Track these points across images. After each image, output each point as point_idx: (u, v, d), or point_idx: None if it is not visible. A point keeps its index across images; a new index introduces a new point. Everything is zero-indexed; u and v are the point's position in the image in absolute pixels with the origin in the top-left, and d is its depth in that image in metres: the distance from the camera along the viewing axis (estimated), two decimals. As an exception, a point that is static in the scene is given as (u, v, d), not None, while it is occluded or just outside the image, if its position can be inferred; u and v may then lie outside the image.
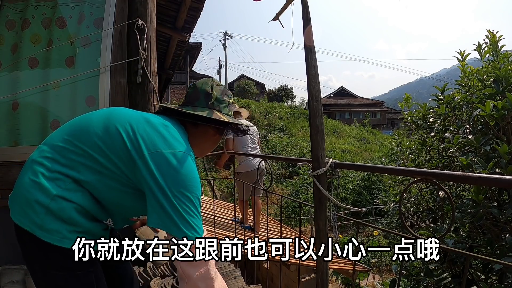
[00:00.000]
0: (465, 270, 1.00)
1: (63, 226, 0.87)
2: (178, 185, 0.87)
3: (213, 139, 1.14)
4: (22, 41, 1.96)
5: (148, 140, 0.90)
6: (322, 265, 1.32)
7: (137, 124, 0.93)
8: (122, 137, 0.90)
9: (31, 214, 0.86)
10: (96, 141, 0.91)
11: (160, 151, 0.89)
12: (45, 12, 1.97)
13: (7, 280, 1.74)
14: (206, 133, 1.10)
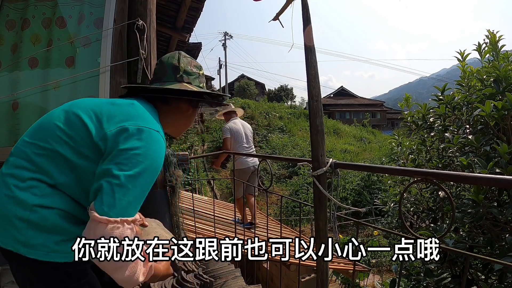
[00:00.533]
0: (465, 270, 1.00)
1: (49, 237, 0.82)
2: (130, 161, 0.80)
3: (186, 115, 1.08)
4: (22, 41, 1.96)
5: (111, 119, 0.86)
6: (322, 265, 1.32)
7: (100, 108, 0.89)
8: (84, 123, 0.85)
9: (13, 232, 0.80)
10: (58, 134, 0.85)
11: (123, 126, 0.84)
12: (45, 12, 1.97)
13: (7, 280, 1.74)
14: (178, 109, 1.05)
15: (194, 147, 15.39)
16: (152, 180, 0.85)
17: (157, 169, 0.86)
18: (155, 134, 0.87)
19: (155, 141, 0.86)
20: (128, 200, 0.78)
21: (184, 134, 16.24)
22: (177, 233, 1.96)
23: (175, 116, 1.05)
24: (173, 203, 1.93)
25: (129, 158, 0.80)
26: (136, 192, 0.80)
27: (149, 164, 0.83)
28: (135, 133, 0.83)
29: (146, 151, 0.83)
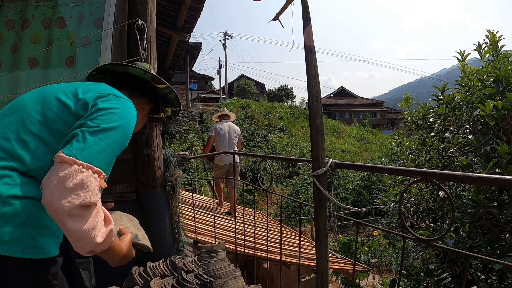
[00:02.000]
0: (465, 270, 1.00)
1: (24, 232, 0.76)
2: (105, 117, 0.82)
3: (143, 115, 1.12)
4: (22, 41, 1.96)
5: (87, 92, 0.89)
6: (322, 265, 1.32)
7: (73, 86, 0.91)
8: (61, 100, 0.86)
9: None
10: (33, 115, 0.84)
11: (100, 93, 0.89)
12: (45, 12, 1.97)
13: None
14: (139, 104, 1.08)
15: (194, 147, 15.39)
16: (123, 142, 0.87)
17: (128, 132, 0.88)
18: (129, 103, 0.92)
19: (130, 108, 0.91)
20: (97, 149, 0.77)
21: (184, 134, 16.26)
22: (177, 233, 1.96)
23: None
24: (173, 203, 1.93)
25: (105, 115, 0.83)
26: (107, 145, 0.80)
27: (122, 124, 0.85)
28: (112, 98, 0.88)
29: (121, 112, 0.86)
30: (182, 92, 20.70)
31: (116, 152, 0.84)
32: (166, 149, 1.94)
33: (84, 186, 0.71)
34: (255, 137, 17.94)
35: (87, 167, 0.73)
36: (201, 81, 36.71)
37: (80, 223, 0.70)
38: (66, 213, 0.69)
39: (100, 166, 0.77)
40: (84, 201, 0.70)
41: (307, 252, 3.71)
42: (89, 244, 0.73)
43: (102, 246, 0.76)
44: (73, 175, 0.70)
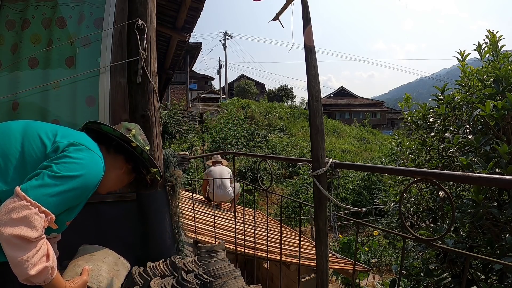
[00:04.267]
0: (465, 270, 1.00)
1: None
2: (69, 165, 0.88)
3: (119, 174, 1.14)
4: (22, 41, 1.95)
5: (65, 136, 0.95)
6: (322, 265, 1.31)
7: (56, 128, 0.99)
8: (42, 139, 0.93)
9: None
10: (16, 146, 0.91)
11: (74, 141, 0.94)
12: (45, 12, 1.97)
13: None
14: (115, 161, 1.12)
15: (194, 147, 15.40)
16: (80, 193, 0.91)
17: (89, 185, 0.93)
18: (98, 159, 0.97)
19: (97, 163, 0.96)
20: (51, 192, 0.83)
21: (184, 134, 16.26)
22: (177, 233, 1.96)
23: (110, 168, 1.10)
24: (173, 203, 1.92)
25: (69, 163, 0.88)
26: (61, 191, 0.85)
27: (84, 176, 0.90)
28: (83, 149, 0.93)
29: (86, 165, 0.91)
30: (182, 92, 20.71)
31: (71, 200, 0.90)
32: (166, 149, 1.94)
33: (26, 221, 0.77)
34: (255, 137, 17.94)
35: (35, 205, 0.80)
36: (201, 81, 36.71)
37: (17, 252, 0.77)
38: (4, 238, 0.76)
39: (49, 208, 0.83)
40: (23, 234, 0.76)
41: (307, 252, 3.71)
42: (22, 273, 0.78)
43: (36, 279, 0.81)
44: (20, 209, 0.78)
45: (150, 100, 1.93)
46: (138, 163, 1.17)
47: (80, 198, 0.93)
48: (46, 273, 0.83)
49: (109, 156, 1.09)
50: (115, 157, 1.11)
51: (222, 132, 16.68)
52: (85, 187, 0.91)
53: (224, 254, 2.08)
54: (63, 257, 1.84)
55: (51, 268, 0.84)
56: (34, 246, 0.79)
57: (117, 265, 1.17)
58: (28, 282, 0.81)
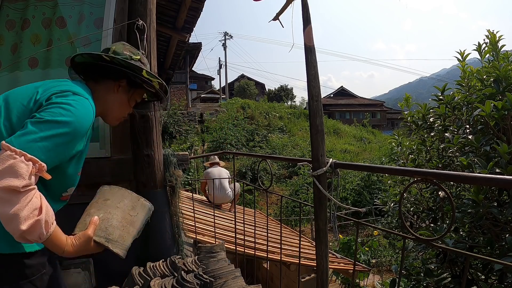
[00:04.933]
0: (465, 270, 1.00)
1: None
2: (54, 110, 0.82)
3: (117, 97, 1.07)
4: (22, 41, 1.96)
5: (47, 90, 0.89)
6: (322, 265, 1.31)
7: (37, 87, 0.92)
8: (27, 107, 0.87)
9: None
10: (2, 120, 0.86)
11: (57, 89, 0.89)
12: (45, 12, 1.97)
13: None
14: (107, 86, 1.05)
15: (194, 147, 15.40)
16: (71, 138, 0.85)
17: (77, 129, 0.85)
18: (85, 100, 0.90)
19: (83, 104, 0.88)
20: (35, 138, 0.77)
21: (184, 134, 16.26)
22: (177, 233, 1.96)
23: (105, 96, 1.04)
24: (173, 203, 1.92)
25: (53, 108, 0.83)
26: (48, 136, 0.79)
27: (70, 120, 0.84)
28: (67, 94, 0.87)
29: (71, 108, 0.85)
30: (182, 92, 20.71)
31: (63, 147, 0.83)
32: (166, 149, 1.94)
33: (12, 171, 0.71)
34: (255, 137, 17.94)
35: (20, 154, 0.74)
36: (201, 81, 36.72)
37: (6, 206, 0.71)
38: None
39: (37, 155, 0.76)
40: (9, 185, 0.70)
41: (307, 252, 3.71)
42: (14, 229, 0.73)
43: (30, 236, 0.75)
44: (4, 160, 0.72)
45: (150, 100, 1.93)
46: (129, 76, 1.06)
47: (73, 144, 0.87)
48: (40, 228, 0.76)
49: (101, 85, 1.04)
50: (104, 82, 1.04)
51: (222, 132, 16.69)
52: (75, 130, 0.85)
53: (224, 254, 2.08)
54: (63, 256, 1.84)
55: (45, 222, 0.77)
56: (23, 197, 0.72)
57: (134, 209, 1.02)
58: (25, 240, 0.76)
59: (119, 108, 1.10)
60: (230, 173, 5.29)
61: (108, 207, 0.97)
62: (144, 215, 1.06)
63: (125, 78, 1.06)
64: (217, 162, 5.12)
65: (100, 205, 0.98)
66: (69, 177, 0.97)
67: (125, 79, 1.06)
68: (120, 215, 0.99)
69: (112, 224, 0.96)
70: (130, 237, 1.00)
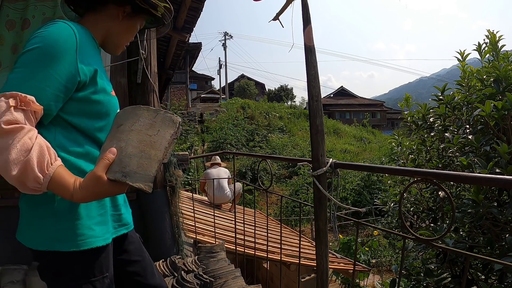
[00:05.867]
0: (465, 270, 1.00)
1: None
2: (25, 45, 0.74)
3: (120, 23, 0.96)
4: (22, 41, 1.95)
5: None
6: (322, 265, 1.32)
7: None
8: None
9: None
10: None
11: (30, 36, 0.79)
12: (45, 12, 1.97)
13: (7, 280, 1.74)
14: (110, 15, 0.93)
15: (194, 147, 15.40)
16: (48, 57, 0.74)
17: (49, 43, 0.74)
18: (60, 23, 0.79)
19: (57, 26, 0.78)
20: (13, 76, 0.71)
21: (184, 134, 16.28)
22: (177, 233, 1.96)
23: (108, 23, 0.94)
24: (173, 203, 1.93)
25: (27, 43, 0.75)
26: (23, 68, 0.72)
27: (42, 43, 0.74)
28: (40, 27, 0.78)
29: (42, 33, 0.76)
30: (182, 92, 20.71)
31: (45, 72, 0.73)
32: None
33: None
34: (255, 137, 17.95)
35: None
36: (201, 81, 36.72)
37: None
38: None
39: (19, 90, 0.68)
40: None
41: (307, 252, 3.71)
42: (8, 178, 0.66)
43: (26, 182, 0.67)
44: None
45: (150, 100, 1.94)
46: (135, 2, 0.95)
47: (52, 63, 0.74)
48: (31, 171, 0.66)
49: (101, 13, 0.93)
50: (106, 10, 0.93)
51: (222, 132, 16.70)
52: (47, 46, 0.74)
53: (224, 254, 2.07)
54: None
55: (37, 163, 0.67)
56: (9, 138, 0.64)
57: (153, 127, 0.79)
58: (26, 188, 0.68)
59: (123, 36, 0.99)
60: (230, 173, 5.29)
61: (121, 133, 0.77)
62: (168, 130, 0.80)
63: (130, 4, 0.95)
64: (218, 163, 5.15)
65: (113, 135, 0.79)
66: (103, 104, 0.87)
67: (130, 4, 0.95)
68: (135, 138, 0.77)
69: (127, 152, 0.75)
70: (153, 163, 0.77)
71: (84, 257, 0.80)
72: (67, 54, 0.76)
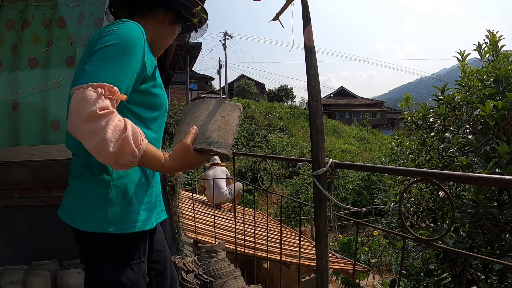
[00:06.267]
0: (465, 270, 1.00)
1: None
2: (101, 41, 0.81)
3: (165, 28, 1.05)
4: (22, 41, 1.95)
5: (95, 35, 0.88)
6: (322, 265, 1.31)
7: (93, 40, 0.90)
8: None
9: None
10: None
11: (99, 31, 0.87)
12: (45, 12, 1.97)
13: (7, 280, 1.74)
14: (156, 19, 1.02)
15: (194, 147, 15.39)
16: (125, 53, 0.82)
17: (125, 40, 0.82)
18: (130, 23, 0.87)
19: (129, 25, 0.86)
20: (94, 69, 0.77)
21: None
22: (177, 233, 1.96)
23: (154, 28, 1.02)
24: (173, 203, 1.93)
25: (100, 40, 0.82)
26: (104, 60, 0.78)
27: (119, 40, 0.81)
28: (110, 25, 0.86)
29: (116, 31, 0.83)
30: (182, 92, 20.71)
31: (123, 65, 0.80)
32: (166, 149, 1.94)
33: (84, 102, 0.71)
34: (255, 137, 17.95)
35: (86, 86, 0.73)
36: (201, 81, 36.74)
37: (91, 137, 0.71)
38: (76, 130, 0.72)
39: (103, 80, 0.75)
40: (85, 113, 0.70)
41: (307, 252, 3.71)
42: (106, 156, 0.72)
43: (122, 158, 0.73)
44: (75, 98, 0.72)
45: (150, 100, 1.93)
46: (178, 8, 1.04)
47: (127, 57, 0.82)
48: (129, 146, 0.73)
49: (147, 18, 1.01)
50: (153, 15, 1.02)
51: (222, 132, 16.69)
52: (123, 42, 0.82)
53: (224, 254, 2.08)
54: (63, 257, 1.84)
55: (133, 139, 0.74)
56: (103, 121, 0.71)
57: (224, 110, 0.96)
58: (120, 165, 0.75)
59: (166, 40, 1.09)
60: (230, 172, 5.29)
61: (197, 118, 0.93)
62: (236, 113, 0.98)
63: (175, 11, 1.04)
64: (217, 163, 5.16)
65: (189, 120, 0.94)
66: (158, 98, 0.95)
67: (175, 12, 1.05)
68: (212, 119, 0.93)
69: (208, 127, 0.91)
70: (230, 135, 0.93)
71: (129, 240, 0.86)
72: (139, 51, 0.84)
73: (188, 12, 1.05)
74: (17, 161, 1.83)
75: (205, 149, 0.87)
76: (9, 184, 1.79)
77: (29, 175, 1.80)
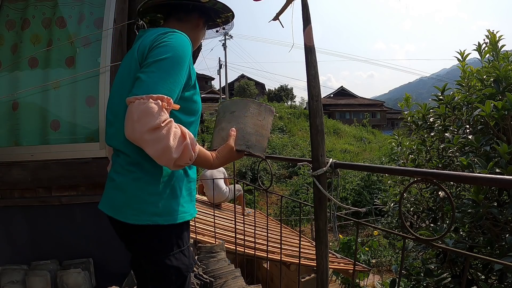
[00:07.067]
0: (465, 270, 1.00)
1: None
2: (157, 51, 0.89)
3: (197, 30, 1.14)
4: (22, 41, 1.95)
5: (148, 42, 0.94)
6: (322, 265, 1.31)
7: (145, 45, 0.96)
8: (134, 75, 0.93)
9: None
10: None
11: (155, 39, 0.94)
12: (45, 12, 1.97)
13: (7, 280, 1.74)
14: (190, 23, 1.10)
15: (194, 147, 15.40)
16: (180, 68, 0.90)
17: (182, 56, 0.91)
18: (181, 35, 0.96)
19: (181, 38, 0.95)
20: (153, 81, 0.84)
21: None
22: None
23: (190, 31, 1.09)
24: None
25: (155, 50, 0.90)
26: (161, 74, 0.86)
27: (173, 53, 0.89)
28: (163, 36, 0.93)
29: (171, 43, 0.91)
30: (182, 92, 20.70)
31: (177, 78, 0.89)
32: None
33: (146, 114, 0.79)
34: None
35: (147, 98, 0.81)
36: (201, 81, 36.73)
37: (155, 145, 0.80)
38: (140, 139, 0.80)
39: (161, 92, 0.83)
40: (150, 125, 0.78)
41: (307, 252, 3.71)
42: (168, 160, 0.82)
43: (182, 161, 0.85)
44: (136, 108, 0.80)
45: (150, 100, 1.93)
46: (210, 13, 1.14)
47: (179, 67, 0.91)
48: (188, 151, 0.85)
49: (183, 22, 1.09)
50: (188, 19, 1.10)
51: (222, 132, 16.68)
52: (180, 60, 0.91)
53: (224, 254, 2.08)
54: (63, 257, 1.84)
55: (191, 146, 0.86)
56: (165, 131, 0.80)
57: (261, 114, 1.07)
58: (178, 166, 0.86)
59: (199, 41, 1.18)
60: (230, 172, 5.29)
61: (237, 118, 1.04)
62: (270, 117, 1.11)
63: (206, 15, 1.13)
64: None
65: (229, 118, 1.05)
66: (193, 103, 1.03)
67: (206, 15, 1.13)
68: (250, 122, 1.05)
69: (247, 131, 1.03)
70: (265, 139, 1.08)
71: (176, 229, 0.96)
72: (187, 62, 0.93)
73: (217, 15, 1.15)
74: (17, 161, 1.83)
75: (245, 150, 1.02)
76: (9, 184, 1.79)
77: (29, 175, 1.80)
